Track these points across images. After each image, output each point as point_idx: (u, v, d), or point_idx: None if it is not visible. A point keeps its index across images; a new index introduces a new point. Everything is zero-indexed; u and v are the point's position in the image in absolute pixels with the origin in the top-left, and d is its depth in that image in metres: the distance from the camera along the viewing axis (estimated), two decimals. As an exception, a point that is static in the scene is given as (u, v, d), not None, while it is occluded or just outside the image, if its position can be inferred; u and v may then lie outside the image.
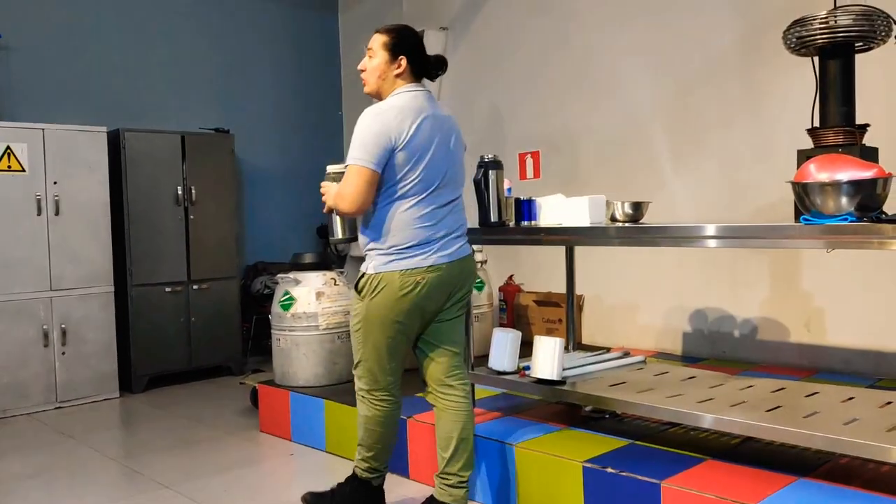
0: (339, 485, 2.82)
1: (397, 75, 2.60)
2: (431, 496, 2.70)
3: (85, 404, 4.81)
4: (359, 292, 2.59)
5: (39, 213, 4.68)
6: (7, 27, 5.08)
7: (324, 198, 2.68)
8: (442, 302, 2.62)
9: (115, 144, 5.07)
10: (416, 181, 2.52)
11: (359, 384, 2.70)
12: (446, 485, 2.63)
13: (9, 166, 4.57)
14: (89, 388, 4.86)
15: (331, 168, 2.78)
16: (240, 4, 6.28)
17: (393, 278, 2.51)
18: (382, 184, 2.52)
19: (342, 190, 2.51)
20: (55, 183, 4.73)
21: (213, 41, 6.12)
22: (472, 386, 3.01)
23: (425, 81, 2.70)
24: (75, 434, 4.16)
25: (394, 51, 2.60)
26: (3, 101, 5.07)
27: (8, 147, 4.56)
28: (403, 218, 2.52)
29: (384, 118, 2.49)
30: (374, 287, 2.53)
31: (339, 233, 2.83)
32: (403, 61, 2.60)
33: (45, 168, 4.70)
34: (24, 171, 4.62)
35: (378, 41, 2.62)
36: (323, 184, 2.72)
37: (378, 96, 2.65)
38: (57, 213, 4.74)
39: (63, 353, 4.76)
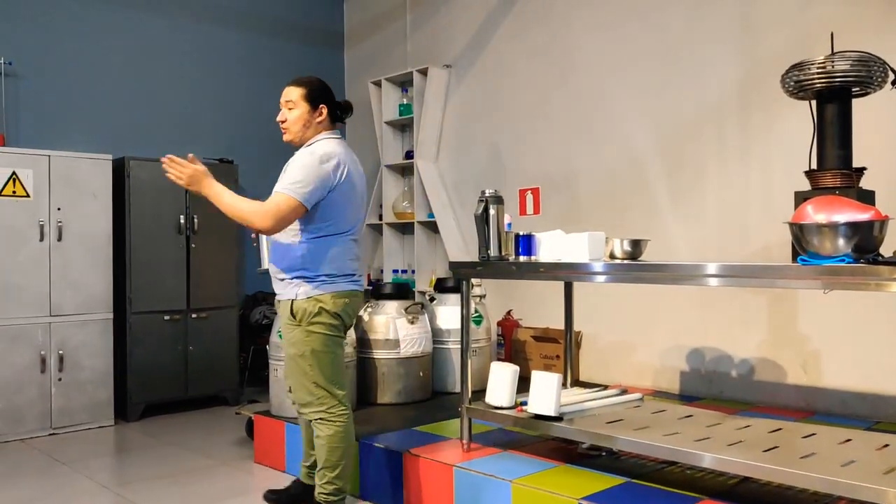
0: None
1: (318, 122, 2.96)
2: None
3: (80, 431, 4.78)
4: (295, 318, 2.84)
5: (42, 239, 4.71)
6: (16, 55, 5.16)
7: (175, 170, 2.78)
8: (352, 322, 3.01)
9: (119, 172, 5.11)
10: (341, 221, 2.88)
11: (314, 407, 2.88)
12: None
13: (14, 192, 4.61)
14: (85, 415, 4.84)
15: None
16: (246, 39, 6.38)
17: (325, 300, 2.84)
18: (314, 220, 2.83)
19: (266, 208, 2.74)
20: (59, 209, 4.77)
21: (219, 73, 6.20)
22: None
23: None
24: (69, 461, 4.13)
25: (314, 101, 2.94)
26: (10, 127, 5.13)
27: (13, 173, 4.60)
28: (334, 253, 2.87)
29: (329, 165, 2.81)
30: (312, 311, 2.82)
31: (265, 263, 3.04)
32: (324, 110, 2.96)
33: (50, 194, 4.74)
34: (28, 196, 4.66)
35: (296, 93, 2.94)
36: (177, 159, 2.80)
37: (300, 144, 2.97)
38: (59, 239, 4.77)
39: (59, 380, 4.74)
